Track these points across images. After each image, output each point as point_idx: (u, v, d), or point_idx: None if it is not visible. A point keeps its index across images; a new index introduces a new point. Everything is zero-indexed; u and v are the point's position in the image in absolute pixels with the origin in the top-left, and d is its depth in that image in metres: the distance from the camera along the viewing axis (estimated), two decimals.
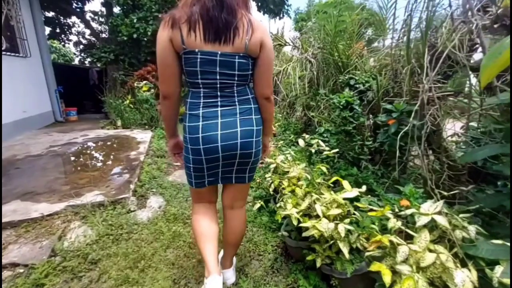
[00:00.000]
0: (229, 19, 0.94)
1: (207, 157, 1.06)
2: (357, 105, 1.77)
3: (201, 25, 0.93)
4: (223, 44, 0.96)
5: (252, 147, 1.09)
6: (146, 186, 2.65)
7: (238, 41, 0.96)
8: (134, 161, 3.19)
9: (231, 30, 0.94)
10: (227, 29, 0.94)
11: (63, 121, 5.90)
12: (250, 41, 0.97)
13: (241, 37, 0.96)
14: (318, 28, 3.49)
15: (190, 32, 0.93)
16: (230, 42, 0.96)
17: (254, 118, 1.10)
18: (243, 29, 0.96)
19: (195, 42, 0.94)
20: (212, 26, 0.93)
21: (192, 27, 0.92)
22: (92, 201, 2.17)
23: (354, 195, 1.21)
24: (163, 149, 3.96)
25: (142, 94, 6.08)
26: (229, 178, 1.19)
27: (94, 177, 2.72)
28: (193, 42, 0.94)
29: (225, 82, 1.02)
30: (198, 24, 0.93)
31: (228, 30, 0.94)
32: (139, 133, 4.70)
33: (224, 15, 0.93)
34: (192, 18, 0.92)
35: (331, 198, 1.28)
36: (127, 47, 8.26)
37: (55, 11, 10.59)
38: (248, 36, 0.96)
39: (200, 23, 0.93)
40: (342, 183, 1.31)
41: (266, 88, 1.09)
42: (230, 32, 0.94)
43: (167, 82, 1.03)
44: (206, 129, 1.03)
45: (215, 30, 0.93)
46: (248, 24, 0.97)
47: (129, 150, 3.66)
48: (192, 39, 0.94)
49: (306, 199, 1.34)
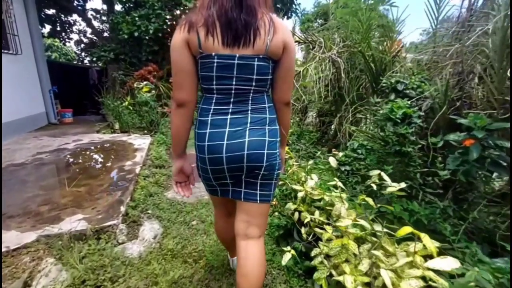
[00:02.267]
0: (249, 20, 0.86)
1: (212, 167, 0.99)
2: (416, 117, 1.34)
3: (219, 28, 0.87)
4: (242, 47, 0.89)
5: (263, 160, 0.97)
6: (140, 206, 2.23)
7: (259, 43, 0.89)
8: (128, 174, 2.77)
9: (251, 32, 0.87)
10: (246, 31, 0.87)
11: (57, 123, 5.51)
12: (272, 41, 0.89)
13: (263, 38, 0.89)
14: (339, 24, 3.07)
15: (208, 36, 0.87)
16: (250, 45, 0.88)
17: (268, 128, 0.99)
18: (265, 29, 0.88)
19: (213, 46, 0.88)
20: (231, 28, 0.86)
21: (210, 30, 0.86)
22: (71, 229, 1.76)
23: (449, 266, 0.78)
24: (162, 157, 3.55)
25: (142, 95, 5.70)
26: (239, 193, 1.06)
27: (79, 194, 2.30)
28: (211, 46, 0.88)
29: (241, 88, 0.94)
30: (216, 27, 0.87)
31: (248, 31, 0.87)
32: (137, 139, 4.29)
33: (244, 16, 0.86)
34: (209, 21, 0.86)
35: (407, 262, 0.84)
36: (128, 46, 7.89)
37: (55, 8, 10.28)
38: (270, 36, 0.89)
39: (218, 25, 0.87)
40: (420, 238, 0.88)
41: (287, 93, 1.02)
42: (250, 34, 0.87)
43: (183, 89, 0.95)
44: (212, 138, 0.95)
45: (234, 32, 0.87)
46: (269, 24, 0.89)
47: (124, 159, 3.25)
48: (210, 43, 0.87)
49: (364, 261, 0.91)
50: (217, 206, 1.28)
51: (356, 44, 2.32)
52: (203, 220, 2.12)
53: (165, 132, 4.86)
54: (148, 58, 7.83)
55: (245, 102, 0.96)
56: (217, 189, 1.08)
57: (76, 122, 5.80)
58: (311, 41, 2.62)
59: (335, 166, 1.65)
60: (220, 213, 1.29)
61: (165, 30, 7.64)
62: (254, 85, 0.93)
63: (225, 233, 1.30)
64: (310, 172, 1.86)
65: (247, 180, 1.02)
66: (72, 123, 5.72)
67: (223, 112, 0.95)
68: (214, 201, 1.26)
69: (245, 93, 0.95)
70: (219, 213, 1.29)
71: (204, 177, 1.05)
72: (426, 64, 1.91)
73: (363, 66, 2.56)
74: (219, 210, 1.29)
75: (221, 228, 1.31)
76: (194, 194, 2.63)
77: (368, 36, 2.17)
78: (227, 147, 0.94)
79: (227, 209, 1.24)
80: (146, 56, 7.82)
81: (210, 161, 0.97)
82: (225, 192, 1.08)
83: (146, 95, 5.70)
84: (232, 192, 1.07)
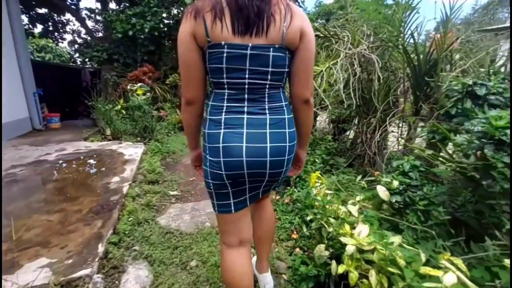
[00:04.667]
0: (262, 7, 0.77)
1: (228, 172, 0.88)
2: None
3: (229, 14, 0.77)
4: (255, 36, 0.79)
5: (283, 165, 0.91)
6: (125, 242, 1.78)
7: (273, 31, 0.79)
8: (114, 195, 2.31)
9: (264, 19, 0.77)
10: (259, 18, 0.77)
11: (42, 129, 5.03)
12: (288, 29, 0.80)
13: (278, 25, 0.79)
14: (361, 17, 2.63)
15: (216, 21, 0.77)
16: (264, 33, 0.79)
17: (288, 132, 0.91)
18: (280, 15, 0.79)
19: (222, 34, 0.78)
20: (242, 15, 0.77)
21: (218, 16, 0.77)
22: (29, 284, 1.30)
23: None
24: (156, 170, 3.08)
25: (136, 98, 5.24)
26: (256, 195, 1.02)
27: (49, 225, 1.84)
28: (219, 33, 0.78)
29: (255, 82, 0.84)
30: (224, 14, 0.77)
31: (261, 19, 0.77)
32: (129, 147, 3.83)
33: (256, 2, 0.76)
34: (217, 6, 0.77)
35: None
36: (122, 46, 7.43)
37: (47, 7, 9.81)
38: (286, 23, 0.79)
39: (227, 12, 0.77)
40: None
41: (306, 87, 0.90)
42: (263, 21, 0.78)
43: (191, 86, 0.88)
44: (227, 139, 0.86)
45: (246, 20, 0.77)
46: (286, 9, 0.80)
47: (111, 174, 2.78)
48: (218, 30, 0.78)
49: None
50: (226, 231, 1.03)
51: (394, 36, 1.89)
52: (204, 261, 1.66)
53: (160, 139, 4.40)
54: (144, 59, 7.38)
55: (261, 100, 0.88)
56: (231, 202, 0.95)
57: (64, 128, 5.33)
58: (333, 35, 2.19)
59: (387, 198, 1.21)
60: (230, 242, 1.03)
61: (161, 29, 7.20)
62: (269, 79, 0.85)
63: (237, 274, 1.01)
64: (345, 203, 1.41)
65: (266, 183, 0.96)
66: (59, 129, 5.24)
67: (238, 110, 0.87)
68: (224, 224, 1.03)
69: (260, 89, 0.86)
70: (229, 241, 1.03)
71: (216, 185, 0.91)
72: None
73: (398, 64, 2.13)
74: (229, 237, 1.03)
75: (231, 266, 1.02)
76: (192, 220, 2.17)
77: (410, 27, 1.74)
78: (247, 151, 0.85)
79: (241, 233, 1.02)
80: (141, 56, 7.36)
81: (227, 165, 0.87)
82: (242, 202, 0.97)
83: (140, 98, 5.25)
84: (250, 199, 0.99)
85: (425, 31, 7.59)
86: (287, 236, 1.89)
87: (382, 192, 1.22)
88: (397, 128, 2.16)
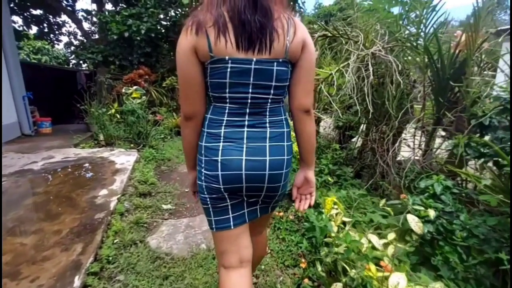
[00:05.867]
0: (264, 22, 0.76)
1: (226, 186, 0.85)
2: None
3: (232, 30, 0.76)
4: (258, 51, 0.78)
5: (281, 179, 0.89)
6: (107, 270, 1.55)
7: (277, 46, 0.78)
8: (99, 211, 2.09)
9: (267, 35, 0.77)
10: (262, 34, 0.76)
11: (32, 134, 4.79)
12: (292, 43, 0.79)
13: (281, 40, 0.78)
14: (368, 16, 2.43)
15: (219, 37, 0.75)
16: (267, 49, 0.78)
17: (286, 145, 0.90)
18: (283, 29, 0.78)
19: (226, 49, 0.76)
20: (245, 31, 0.75)
21: (221, 31, 0.75)
22: None
23: None
24: (149, 181, 2.86)
25: (131, 102, 5.02)
26: (255, 212, 0.97)
27: (22, 251, 1.62)
28: (223, 49, 0.76)
29: (258, 96, 0.83)
30: (228, 28, 0.76)
31: (264, 35, 0.76)
32: (121, 155, 3.61)
33: (259, 17, 0.75)
34: (220, 21, 0.75)
35: None
36: (118, 48, 7.21)
37: (42, 8, 9.59)
38: (290, 37, 0.79)
39: (230, 27, 0.76)
40: None
41: (306, 97, 0.88)
42: (266, 37, 0.77)
43: (192, 100, 0.85)
44: (227, 152, 0.84)
45: (249, 35, 0.76)
46: (288, 23, 0.79)
47: (99, 186, 2.56)
48: (221, 45, 0.76)
49: None
50: (225, 252, 0.95)
51: (413, 36, 1.68)
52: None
53: (155, 146, 4.17)
54: (140, 61, 7.15)
55: (263, 114, 0.86)
56: (229, 217, 0.92)
57: (56, 133, 5.09)
58: (342, 34, 1.97)
59: (420, 231, 0.99)
60: (230, 263, 0.94)
61: (158, 30, 6.99)
62: (272, 93, 0.84)
63: None
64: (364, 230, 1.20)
65: (264, 198, 0.93)
66: (49, 134, 5.01)
67: (239, 124, 0.85)
68: (222, 243, 0.95)
69: (262, 103, 0.85)
70: (229, 262, 0.94)
71: (212, 199, 0.88)
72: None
73: (415, 66, 1.92)
74: (228, 257, 0.94)
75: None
76: (186, 240, 1.95)
77: (433, 24, 1.53)
78: (246, 165, 0.83)
79: (241, 252, 0.95)
80: (138, 59, 7.14)
81: (225, 179, 0.84)
82: (240, 217, 0.93)
83: (135, 102, 5.03)
84: (248, 214, 0.95)
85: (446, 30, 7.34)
86: (293, 261, 1.67)
87: (415, 224, 1.00)
88: (413, 138, 1.95)
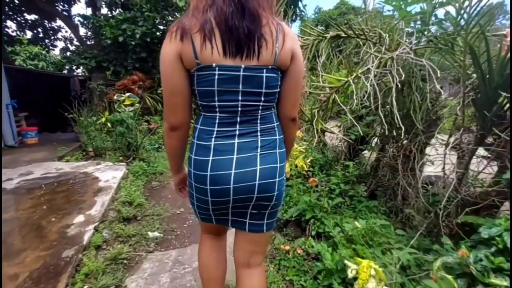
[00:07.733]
0: (252, 28, 0.74)
1: (214, 199, 0.86)
2: None
3: (219, 35, 0.74)
4: (246, 57, 0.76)
5: (274, 189, 0.88)
6: None
7: (265, 53, 0.77)
8: (70, 246, 1.74)
9: (255, 41, 0.75)
10: (250, 40, 0.75)
11: (15, 146, 4.46)
12: (281, 51, 0.78)
13: (270, 47, 0.77)
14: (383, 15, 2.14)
15: (205, 43, 0.73)
16: (255, 56, 0.76)
17: (278, 152, 0.90)
18: (272, 36, 0.77)
19: (212, 55, 0.74)
20: (233, 37, 0.74)
21: (207, 37, 0.73)
22: None
23: None
24: (136, 201, 2.52)
25: (123, 109, 4.71)
26: (242, 223, 0.96)
27: None
28: (209, 55, 0.74)
29: (249, 104, 0.81)
30: (215, 34, 0.74)
31: (252, 41, 0.75)
32: (107, 170, 3.27)
33: (246, 23, 0.74)
34: (206, 27, 0.73)
35: None
36: (112, 53, 6.93)
37: (37, 13, 9.36)
38: (279, 44, 0.78)
39: (217, 32, 0.74)
40: None
41: (295, 107, 0.91)
42: (254, 43, 0.75)
43: (176, 110, 0.83)
44: (216, 167, 0.83)
45: (236, 41, 0.74)
46: (277, 30, 0.78)
47: (75, 211, 2.22)
48: (207, 52, 0.74)
49: None
50: (207, 229, 1.10)
51: (450, 35, 1.38)
52: None
53: (146, 158, 3.84)
54: (135, 67, 6.87)
55: (254, 122, 0.85)
56: (212, 218, 0.95)
57: (42, 143, 4.76)
58: (359, 35, 1.67)
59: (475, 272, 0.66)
60: (210, 236, 1.11)
61: (154, 34, 6.72)
62: (263, 100, 0.82)
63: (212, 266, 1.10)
64: None
65: (253, 212, 0.92)
66: (35, 145, 4.67)
67: (230, 134, 0.83)
68: (205, 226, 1.08)
69: (253, 111, 0.83)
70: (209, 235, 1.11)
71: (200, 208, 0.91)
72: None
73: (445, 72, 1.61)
74: (209, 231, 1.11)
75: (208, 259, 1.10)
76: (173, 283, 1.61)
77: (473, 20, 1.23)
78: (235, 177, 0.83)
79: (219, 230, 1.10)
80: (133, 64, 6.86)
81: (213, 192, 0.85)
82: (223, 221, 0.97)
83: (127, 110, 4.71)
84: (232, 222, 0.97)
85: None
86: None
87: None
88: (443, 157, 1.63)
